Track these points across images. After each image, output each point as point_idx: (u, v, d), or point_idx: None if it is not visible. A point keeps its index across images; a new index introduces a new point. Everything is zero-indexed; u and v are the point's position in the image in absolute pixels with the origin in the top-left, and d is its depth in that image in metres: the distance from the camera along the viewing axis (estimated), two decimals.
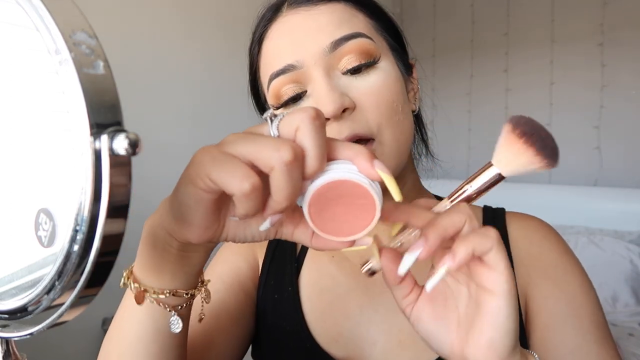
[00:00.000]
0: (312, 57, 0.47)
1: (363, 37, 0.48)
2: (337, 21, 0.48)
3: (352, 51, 0.47)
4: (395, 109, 0.49)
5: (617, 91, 2.41)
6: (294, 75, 0.48)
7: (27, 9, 0.25)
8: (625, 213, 2.25)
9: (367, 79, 0.48)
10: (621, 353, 1.61)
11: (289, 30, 0.49)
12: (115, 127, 0.24)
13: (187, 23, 2.20)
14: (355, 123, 0.46)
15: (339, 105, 0.45)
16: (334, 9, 0.49)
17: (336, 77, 0.48)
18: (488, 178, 0.36)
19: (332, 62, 0.48)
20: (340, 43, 0.47)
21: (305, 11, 0.49)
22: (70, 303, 0.26)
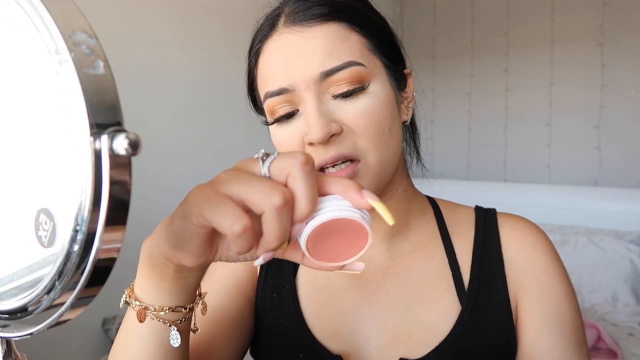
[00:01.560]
0: (304, 82, 0.49)
1: (354, 65, 0.49)
2: (328, 48, 0.49)
3: (343, 79, 0.49)
4: (382, 131, 0.50)
5: (617, 91, 2.41)
6: (287, 97, 0.50)
7: (27, 9, 0.25)
8: (625, 213, 2.25)
9: (355, 103, 0.49)
10: (621, 353, 1.61)
11: (284, 53, 0.51)
12: (115, 127, 0.24)
13: (187, 23, 2.20)
14: (342, 145, 0.49)
15: (326, 133, 0.48)
16: (328, 32, 0.49)
17: (326, 101, 0.50)
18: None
19: (322, 87, 0.49)
20: (330, 73, 0.48)
21: (300, 32, 0.50)
22: (70, 303, 0.26)
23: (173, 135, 2.14)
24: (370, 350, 0.56)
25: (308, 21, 0.50)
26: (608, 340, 1.68)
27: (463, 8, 2.91)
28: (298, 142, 0.51)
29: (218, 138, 2.33)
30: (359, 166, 0.50)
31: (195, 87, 2.23)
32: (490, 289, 0.56)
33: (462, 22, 2.91)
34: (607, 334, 1.72)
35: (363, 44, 0.51)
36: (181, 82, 2.18)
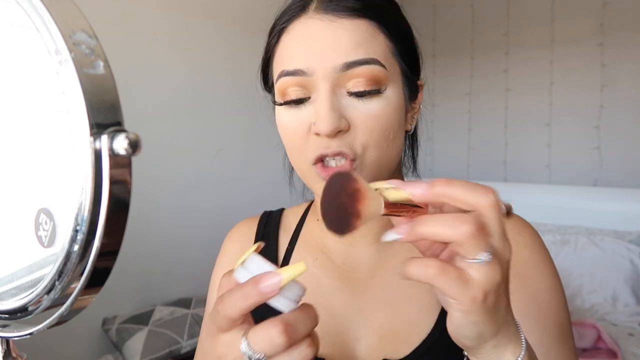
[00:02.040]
0: (323, 70, 0.49)
1: (376, 64, 0.49)
2: (356, 41, 0.49)
3: (362, 75, 0.48)
4: (386, 136, 0.51)
5: (617, 91, 2.41)
6: (302, 80, 0.50)
7: (27, 9, 0.25)
8: (625, 213, 2.25)
9: (368, 104, 0.49)
10: (621, 353, 1.62)
11: (309, 36, 0.50)
12: (115, 127, 0.24)
13: (188, 24, 2.20)
14: (344, 142, 0.49)
15: (335, 127, 0.48)
16: (357, 27, 0.49)
17: (340, 95, 0.50)
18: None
19: (340, 80, 0.49)
20: (353, 66, 0.48)
21: (330, 21, 0.50)
22: (70, 303, 0.26)
23: (173, 135, 2.14)
24: (360, 351, 0.57)
25: (340, 12, 0.50)
26: (608, 340, 1.68)
27: (463, 8, 2.91)
28: (304, 129, 0.51)
29: (218, 138, 2.33)
30: (356, 164, 0.50)
31: (195, 87, 2.23)
32: None
33: (462, 22, 2.91)
34: (607, 334, 1.72)
35: (388, 47, 0.51)
36: (181, 82, 2.18)
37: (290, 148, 0.54)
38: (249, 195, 2.34)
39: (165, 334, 1.76)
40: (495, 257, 0.33)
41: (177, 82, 2.16)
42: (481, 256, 0.32)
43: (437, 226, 0.32)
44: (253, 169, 2.40)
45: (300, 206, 0.70)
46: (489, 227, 0.33)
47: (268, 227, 0.70)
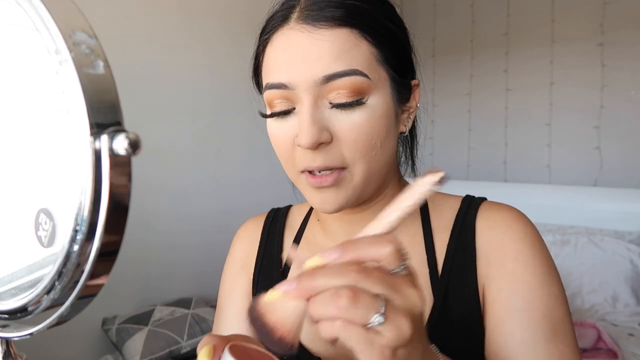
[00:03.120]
0: (304, 83, 0.49)
1: (358, 74, 0.48)
2: (336, 52, 0.48)
3: (343, 87, 0.48)
4: (372, 145, 0.50)
5: (617, 91, 2.41)
6: (285, 93, 0.50)
7: (27, 9, 0.25)
8: (625, 213, 2.25)
9: (350, 115, 0.49)
10: (621, 353, 1.62)
11: (289, 48, 0.50)
12: (115, 127, 0.24)
13: (188, 24, 2.20)
14: (329, 155, 0.49)
15: (315, 140, 0.48)
16: (338, 37, 0.49)
17: (322, 107, 0.49)
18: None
19: (322, 92, 0.49)
20: (333, 78, 0.48)
21: (309, 32, 0.49)
22: (70, 303, 0.26)
23: (173, 135, 2.14)
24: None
25: (320, 22, 0.49)
26: (608, 340, 1.68)
27: (463, 8, 2.91)
28: (289, 140, 0.51)
29: (218, 138, 2.33)
30: (344, 174, 0.50)
31: (195, 87, 2.23)
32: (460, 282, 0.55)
33: (462, 22, 2.91)
34: (607, 334, 1.72)
35: (372, 54, 0.50)
36: (181, 82, 2.18)
37: (280, 158, 0.55)
38: (249, 195, 2.34)
39: (165, 334, 1.76)
40: (398, 312, 0.31)
41: (177, 82, 2.16)
42: (373, 319, 0.31)
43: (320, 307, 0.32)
44: (253, 169, 2.40)
45: (306, 204, 0.70)
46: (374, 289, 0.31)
47: (274, 226, 0.70)
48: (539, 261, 0.54)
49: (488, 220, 0.57)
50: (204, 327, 1.84)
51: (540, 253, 0.55)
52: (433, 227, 0.59)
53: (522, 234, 0.56)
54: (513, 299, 0.52)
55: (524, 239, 0.55)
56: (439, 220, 0.59)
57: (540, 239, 0.57)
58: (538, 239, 0.56)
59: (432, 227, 0.59)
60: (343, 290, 0.31)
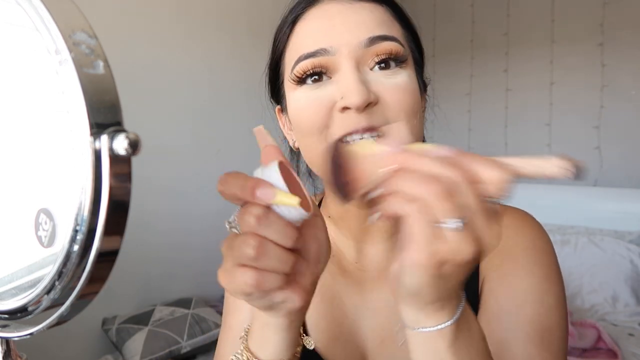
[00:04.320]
0: (346, 46, 0.48)
1: (398, 42, 0.50)
2: (379, 21, 0.50)
3: (385, 51, 0.49)
4: (414, 112, 0.50)
5: (617, 91, 2.41)
6: (324, 60, 0.49)
7: (27, 9, 0.25)
8: (625, 213, 2.25)
9: (393, 78, 0.49)
10: (621, 353, 1.61)
11: (329, 16, 0.50)
12: (115, 127, 0.24)
13: (188, 23, 2.20)
14: (374, 116, 0.48)
15: (365, 99, 0.46)
16: (375, 9, 0.51)
17: (364, 72, 0.49)
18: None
19: (364, 57, 0.49)
20: (377, 41, 0.48)
21: (349, 3, 0.50)
22: (70, 303, 0.26)
23: (173, 135, 2.14)
24: (365, 353, 0.57)
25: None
26: (608, 340, 1.68)
27: (463, 8, 2.91)
28: (326, 108, 0.49)
29: (218, 138, 2.33)
30: (390, 126, 0.49)
31: (195, 87, 2.23)
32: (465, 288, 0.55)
33: (462, 22, 2.91)
34: (607, 334, 1.72)
35: (403, 34, 0.52)
36: (181, 82, 2.18)
37: (309, 130, 0.50)
38: None
39: (165, 334, 1.76)
40: (472, 233, 0.31)
41: (177, 82, 2.16)
42: (451, 222, 0.30)
43: (407, 181, 0.32)
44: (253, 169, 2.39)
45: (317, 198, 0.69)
46: (467, 199, 0.31)
47: None
48: (539, 267, 0.53)
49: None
50: (204, 327, 1.84)
51: (543, 259, 0.54)
52: None
53: (529, 238, 0.55)
54: (503, 300, 0.52)
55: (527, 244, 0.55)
56: None
57: (548, 245, 0.56)
58: (544, 245, 0.55)
59: None
60: (442, 181, 0.30)
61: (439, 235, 0.31)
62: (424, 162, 0.32)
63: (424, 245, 0.31)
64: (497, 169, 0.31)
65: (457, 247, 0.31)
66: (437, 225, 0.31)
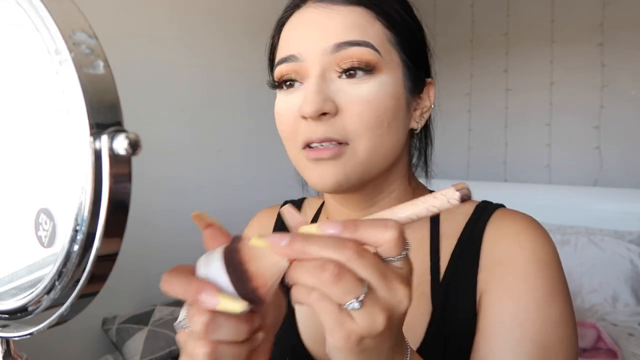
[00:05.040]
0: (313, 53, 0.48)
1: (369, 47, 0.48)
2: (350, 25, 0.48)
3: (353, 57, 0.47)
4: (379, 123, 0.48)
5: (617, 91, 2.41)
6: (295, 66, 0.50)
7: (27, 9, 0.25)
8: (625, 213, 2.25)
9: (358, 88, 0.48)
10: (621, 353, 1.62)
11: (304, 23, 0.50)
12: (115, 127, 0.24)
13: (187, 23, 2.20)
14: (331, 127, 0.48)
15: (317, 109, 0.47)
16: (351, 13, 0.49)
17: (330, 80, 0.49)
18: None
19: (331, 63, 0.48)
20: (343, 47, 0.47)
21: (324, 8, 0.50)
22: (70, 303, 0.26)
23: (173, 135, 2.14)
24: None
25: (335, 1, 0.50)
26: (608, 340, 1.69)
27: (463, 8, 2.91)
28: (294, 114, 0.50)
29: (218, 138, 2.33)
30: (346, 148, 0.48)
31: (195, 87, 2.23)
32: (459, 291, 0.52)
33: (462, 22, 2.91)
34: (607, 334, 1.72)
35: (385, 36, 0.50)
36: (181, 81, 2.18)
37: (283, 135, 0.53)
38: (249, 195, 2.34)
39: (165, 334, 1.76)
40: (377, 304, 0.31)
41: (177, 82, 2.16)
42: (350, 303, 0.30)
43: (300, 273, 0.31)
44: (253, 169, 2.40)
45: (319, 198, 0.69)
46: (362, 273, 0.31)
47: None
48: (541, 280, 0.50)
49: (498, 230, 0.54)
50: None
51: (546, 272, 0.51)
52: (441, 233, 0.57)
53: (531, 249, 0.52)
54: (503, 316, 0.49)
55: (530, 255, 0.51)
56: (449, 227, 0.57)
57: (552, 257, 0.52)
58: (548, 257, 0.52)
59: (441, 233, 0.57)
60: (330, 264, 0.30)
61: (345, 316, 0.31)
62: (312, 249, 0.31)
63: (336, 330, 0.31)
64: (382, 229, 0.31)
65: (367, 323, 0.31)
66: (342, 308, 0.31)
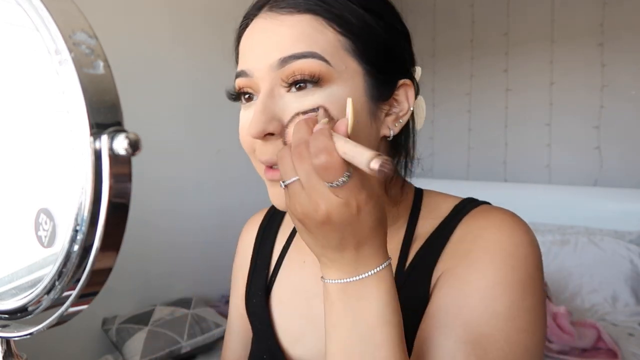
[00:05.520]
0: (260, 70, 0.47)
1: (315, 57, 0.45)
2: (296, 36, 0.45)
3: (300, 71, 0.45)
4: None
5: (617, 91, 2.41)
6: (248, 81, 0.49)
7: (27, 9, 0.25)
8: (625, 213, 2.25)
9: (304, 104, 0.45)
10: (621, 353, 1.61)
11: (253, 36, 0.49)
12: (115, 127, 0.24)
13: (187, 23, 2.20)
14: (275, 149, 0.46)
15: (260, 130, 0.45)
16: (299, 22, 0.46)
17: (278, 97, 0.46)
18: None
19: (277, 79, 0.46)
20: (288, 61, 0.45)
21: (273, 19, 0.47)
22: (70, 303, 0.26)
23: (173, 135, 2.14)
24: None
25: (284, 9, 0.47)
26: (608, 340, 1.69)
27: (463, 8, 2.91)
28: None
29: (218, 138, 2.33)
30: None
31: (195, 87, 2.23)
32: (414, 294, 0.50)
33: (462, 22, 2.91)
34: (607, 334, 1.72)
35: (339, 42, 0.46)
36: (181, 82, 2.18)
37: (245, 149, 0.52)
38: (249, 195, 2.34)
39: (165, 334, 1.76)
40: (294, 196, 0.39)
41: (177, 82, 2.16)
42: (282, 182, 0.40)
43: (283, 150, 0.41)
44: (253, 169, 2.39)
45: None
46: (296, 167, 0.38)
47: (271, 223, 0.69)
48: (493, 270, 0.46)
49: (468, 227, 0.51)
50: (204, 327, 1.84)
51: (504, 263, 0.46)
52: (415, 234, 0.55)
53: (493, 240, 0.48)
54: (443, 300, 0.47)
55: (490, 245, 0.48)
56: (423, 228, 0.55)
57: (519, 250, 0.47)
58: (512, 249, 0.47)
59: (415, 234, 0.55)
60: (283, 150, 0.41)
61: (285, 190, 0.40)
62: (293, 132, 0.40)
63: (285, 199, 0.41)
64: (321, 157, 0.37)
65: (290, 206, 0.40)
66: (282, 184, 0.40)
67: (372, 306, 0.40)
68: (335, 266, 0.41)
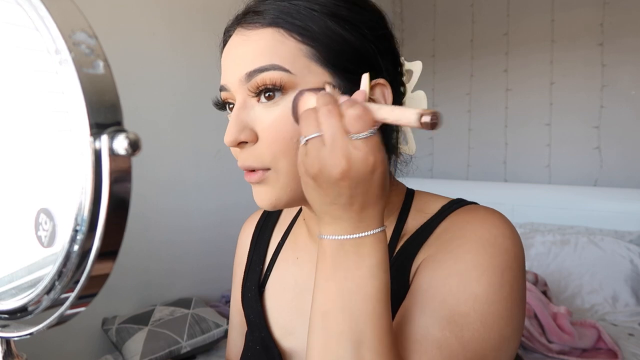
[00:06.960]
0: (234, 84, 0.51)
1: (276, 69, 0.48)
2: (260, 50, 0.49)
3: (264, 83, 0.48)
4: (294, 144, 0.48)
5: (617, 91, 2.41)
6: (227, 94, 0.53)
7: (27, 9, 0.25)
8: (625, 213, 2.25)
9: (272, 112, 0.49)
10: (621, 353, 1.61)
11: (229, 52, 0.53)
12: (115, 127, 0.24)
13: (187, 23, 2.20)
14: (251, 155, 0.51)
15: (233, 139, 0.50)
16: (262, 36, 0.49)
17: (250, 107, 0.50)
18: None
19: (247, 91, 0.50)
20: (253, 75, 0.49)
21: (243, 35, 0.51)
22: (70, 303, 0.26)
23: (173, 135, 2.14)
24: None
25: (251, 24, 0.51)
26: (608, 340, 1.69)
27: (463, 8, 2.91)
28: None
29: (218, 138, 2.33)
30: (268, 174, 0.50)
31: (195, 87, 2.23)
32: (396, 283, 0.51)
33: (462, 22, 2.91)
34: (607, 334, 1.72)
35: (301, 51, 0.48)
36: (181, 82, 2.18)
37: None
38: (248, 195, 2.34)
39: (165, 334, 1.76)
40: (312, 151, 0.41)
41: (177, 82, 2.16)
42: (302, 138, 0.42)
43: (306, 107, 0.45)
44: None
45: None
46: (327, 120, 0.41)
47: (268, 221, 0.72)
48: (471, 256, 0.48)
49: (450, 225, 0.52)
50: (204, 327, 1.84)
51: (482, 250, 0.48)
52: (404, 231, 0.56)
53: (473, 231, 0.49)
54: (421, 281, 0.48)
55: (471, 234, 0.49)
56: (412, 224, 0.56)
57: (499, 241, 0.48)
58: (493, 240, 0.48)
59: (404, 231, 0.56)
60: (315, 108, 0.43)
61: (302, 147, 0.42)
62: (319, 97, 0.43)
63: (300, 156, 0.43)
64: (348, 104, 0.41)
65: (305, 160, 0.42)
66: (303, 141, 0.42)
67: (365, 262, 0.43)
68: (336, 223, 0.43)
